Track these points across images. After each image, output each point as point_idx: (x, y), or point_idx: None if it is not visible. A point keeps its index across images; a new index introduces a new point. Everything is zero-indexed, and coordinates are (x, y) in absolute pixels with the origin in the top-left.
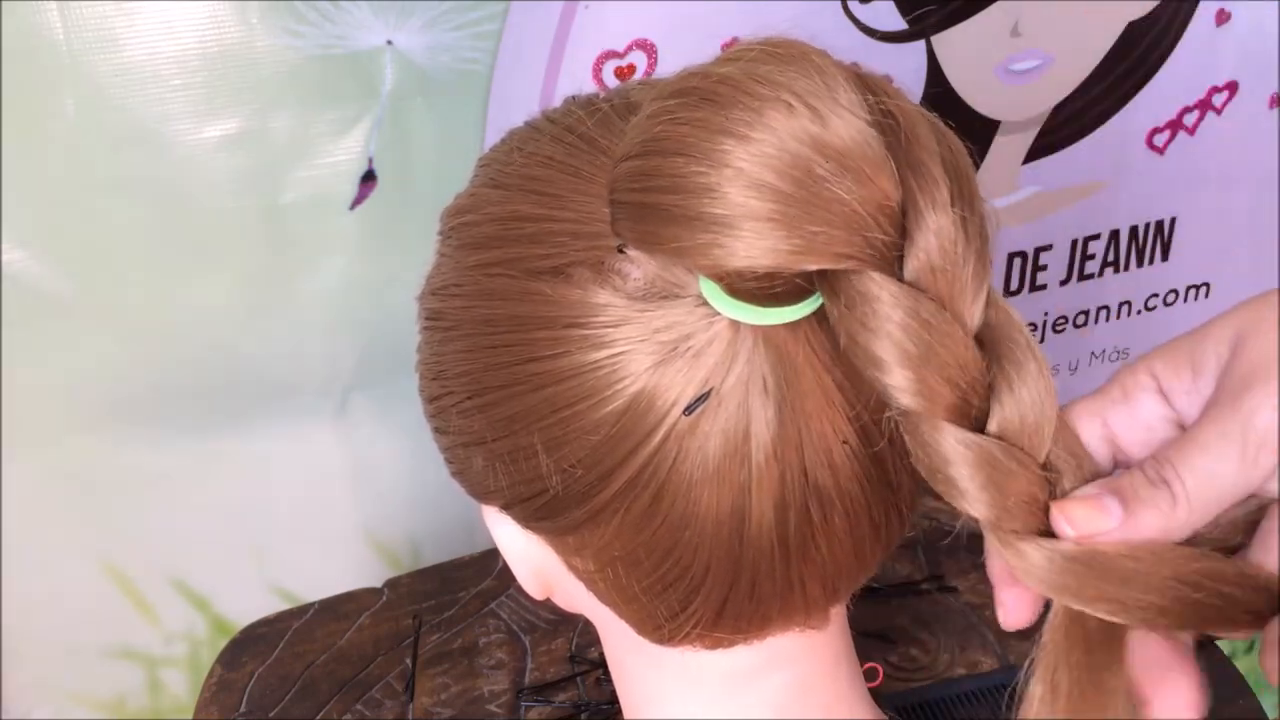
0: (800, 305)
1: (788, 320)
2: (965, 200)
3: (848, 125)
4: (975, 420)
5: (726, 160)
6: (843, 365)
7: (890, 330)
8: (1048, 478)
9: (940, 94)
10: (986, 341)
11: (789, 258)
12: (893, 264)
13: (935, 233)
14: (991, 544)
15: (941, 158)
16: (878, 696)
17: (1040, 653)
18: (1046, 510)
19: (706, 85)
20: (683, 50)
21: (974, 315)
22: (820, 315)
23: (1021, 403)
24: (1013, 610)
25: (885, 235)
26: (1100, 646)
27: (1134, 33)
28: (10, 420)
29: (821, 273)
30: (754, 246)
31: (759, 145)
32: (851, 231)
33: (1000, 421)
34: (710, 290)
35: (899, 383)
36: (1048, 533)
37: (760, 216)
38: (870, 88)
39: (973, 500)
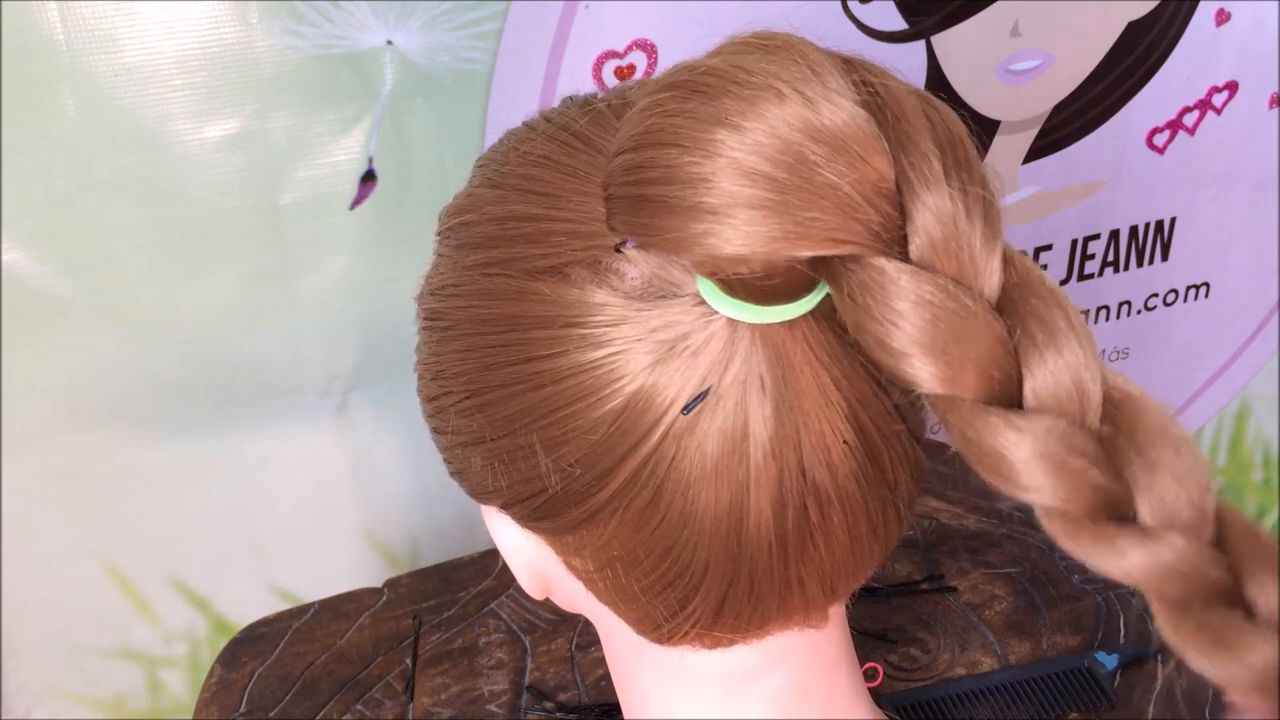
0: (797, 303)
1: (785, 318)
2: (962, 168)
3: (838, 109)
4: (1008, 394)
5: (719, 150)
6: (840, 363)
7: (897, 316)
8: (1100, 438)
9: (940, 94)
10: (1008, 305)
11: (783, 244)
12: (895, 246)
13: (932, 209)
14: (1056, 535)
15: (933, 129)
16: (878, 696)
17: None
18: (1106, 486)
19: (696, 77)
20: (683, 50)
21: (989, 284)
22: (818, 313)
23: (1052, 365)
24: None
25: (884, 217)
26: None
27: (1134, 33)
28: (10, 420)
29: (823, 261)
30: (748, 234)
31: (751, 134)
32: (846, 215)
33: (1034, 389)
34: (707, 289)
35: (915, 368)
36: (1116, 513)
37: (753, 204)
38: (855, 69)
39: (1021, 485)
